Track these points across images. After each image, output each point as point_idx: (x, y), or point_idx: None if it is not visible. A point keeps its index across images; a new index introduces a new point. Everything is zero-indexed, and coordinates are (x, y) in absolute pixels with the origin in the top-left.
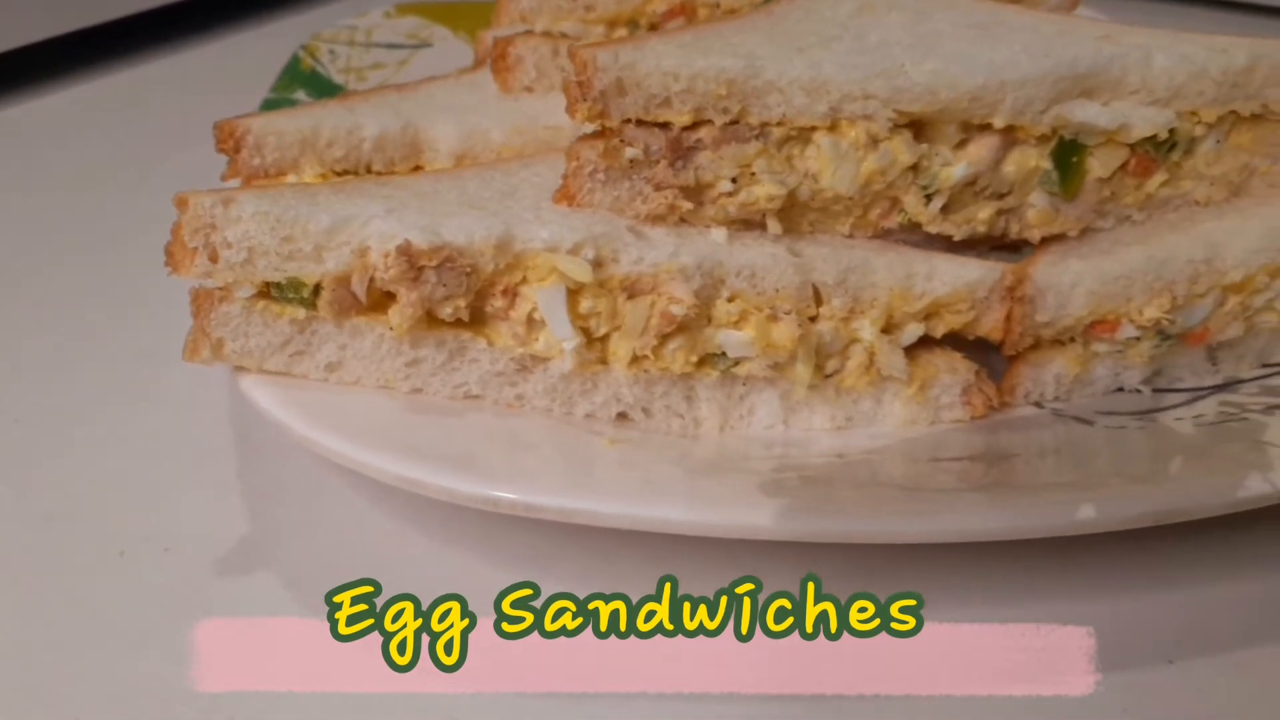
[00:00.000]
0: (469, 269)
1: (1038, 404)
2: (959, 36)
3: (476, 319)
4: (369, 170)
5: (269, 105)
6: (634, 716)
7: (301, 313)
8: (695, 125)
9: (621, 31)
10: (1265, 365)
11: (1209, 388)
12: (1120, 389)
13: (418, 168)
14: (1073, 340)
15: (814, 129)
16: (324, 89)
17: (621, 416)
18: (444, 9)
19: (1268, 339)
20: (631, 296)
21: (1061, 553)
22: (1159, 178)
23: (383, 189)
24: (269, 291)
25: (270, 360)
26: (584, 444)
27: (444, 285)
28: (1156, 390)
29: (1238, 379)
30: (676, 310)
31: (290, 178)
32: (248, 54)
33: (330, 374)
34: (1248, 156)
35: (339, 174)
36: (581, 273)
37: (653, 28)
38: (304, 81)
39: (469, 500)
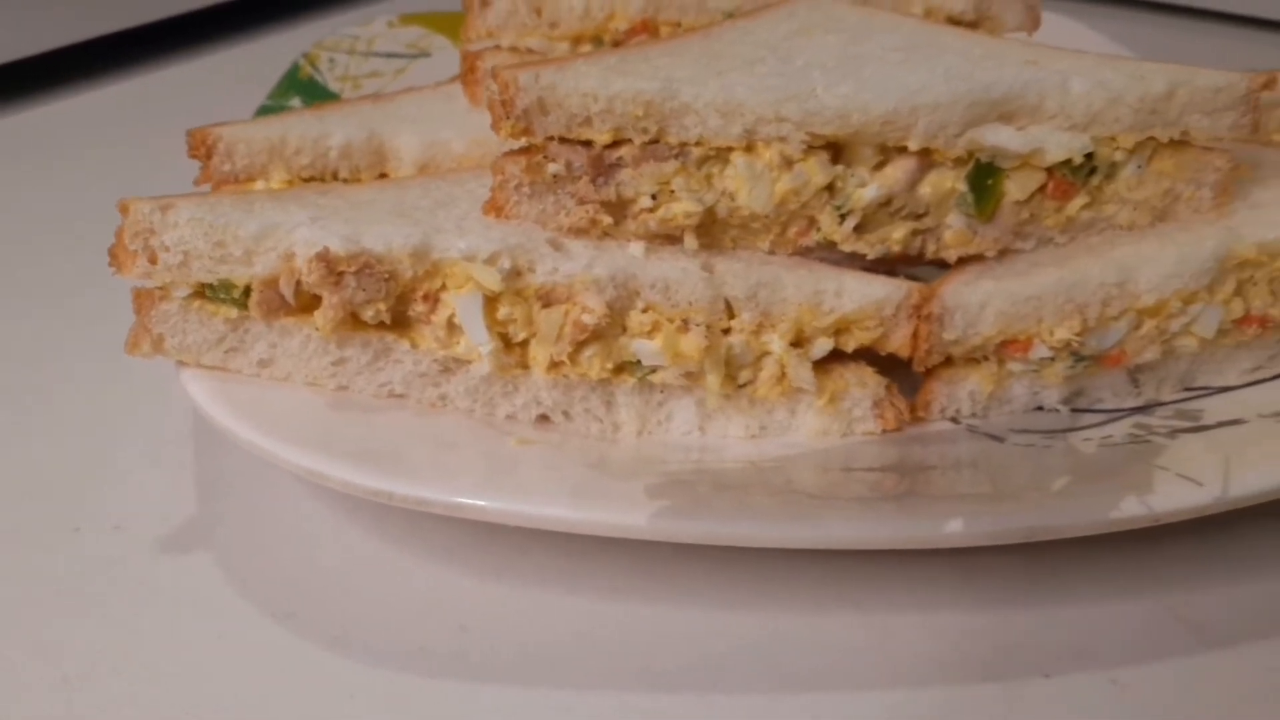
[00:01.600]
0: (387, 275)
1: (954, 419)
2: (885, 60)
3: (400, 322)
4: (335, 177)
5: (264, 112)
6: None
7: (234, 312)
8: (616, 143)
9: (586, 48)
10: (1187, 389)
11: (1128, 410)
12: (1040, 408)
13: (383, 175)
14: (986, 359)
15: (731, 149)
16: (319, 96)
17: (543, 419)
18: (446, 19)
19: (1189, 363)
20: (547, 305)
21: (967, 564)
22: (1079, 201)
23: (322, 198)
24: (204, 292)
25: (206, 355)
26: (492, 443)
27: (363, 290)
28: (1075, 410)
29: (1158, 402)
30: (589, 319)
31: (259, 184)
32: (261, 61)
33: (262, 370)
34: (1170, 182)
35: (306, 180)
36: (492, 281)
37: (617, 44)
38: (300, 89)
39: (364, 493)
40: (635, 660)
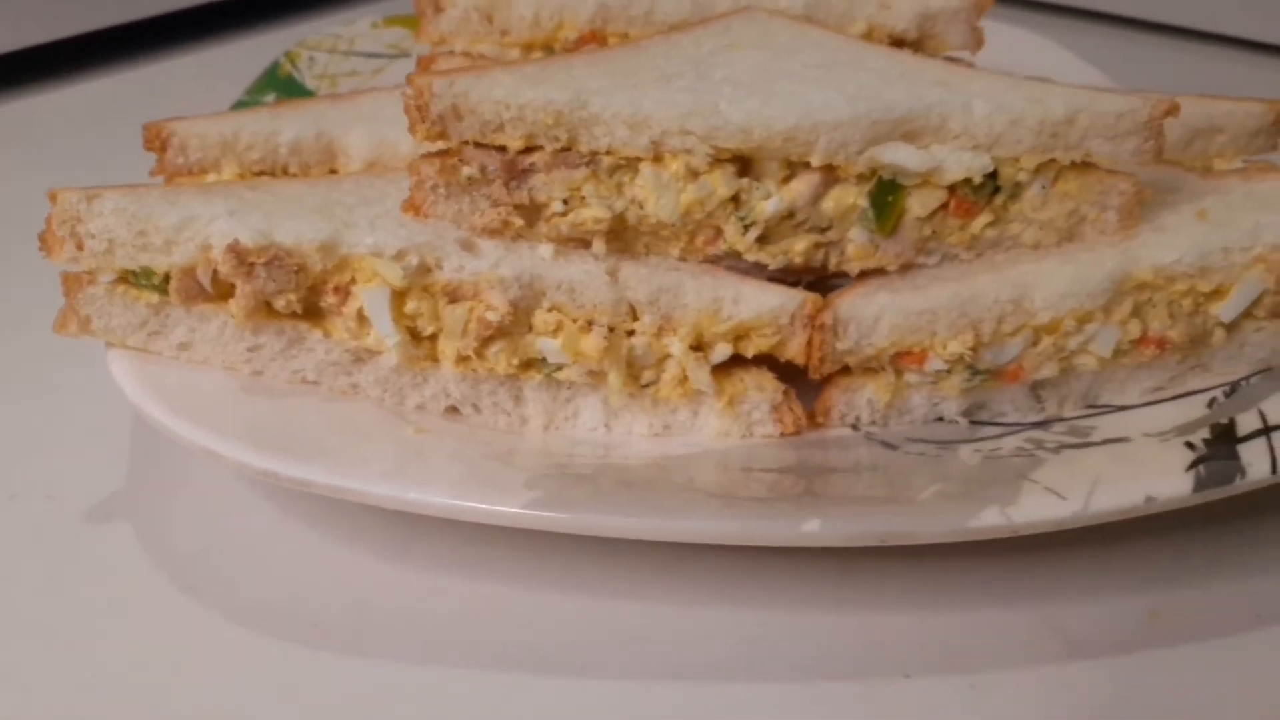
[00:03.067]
0: (296, 267)
1: (854, 426)
2: (801, 77)
3: (313, 312)
4: (286, 172)
5: (238, 107)
6: None
7: (155, 298)
8: (530, 149)
9: (537, 55)
10: (1090, 406)
11: (1027, 424)
12: (941, 419)
13: (334, 172)
14: (883, 369)
15: (639, 159)
16: (295, 94)
17: (452, 410)
18: None
19: (1091, 381)
20: (453, 301)
21: (848, 566)
22: (983, 220)
23: (251, 192)
24: (128, 277)
25: (131, 337)
26: (390, 431)
27: (273, 280)
28: (975, 422)
29: (1059, 417)
30: (492, 316)
31: (211, 176)
32: (254, 57)
33: (182, 353)
34: (1074, 203)
35: (257, 175)
36: (395, 276)
37: (568, 52)
38: (278, 86)
39: (254, 473)
40: (515, 642)
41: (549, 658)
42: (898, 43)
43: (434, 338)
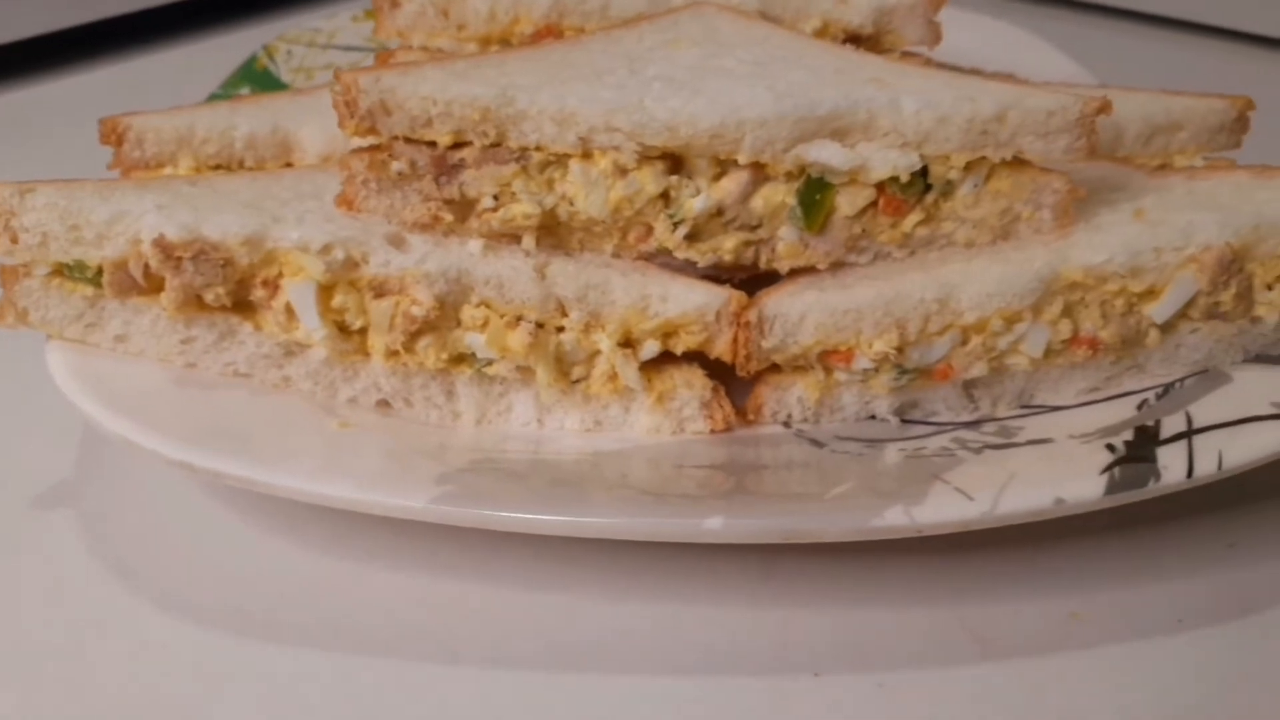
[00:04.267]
0: (223, 261)
1: (786, 424)
2: (734, 74)
3: (243, 305)
4: (242, 166)
5: (211, 100)
6: None
7: (90, 290)
8: (460, 145)
9: (495, 50)
10: (1024, 406)
11: (958, 423)
12: (873, 417)
13: (289, 165)
14: (812, 367)
15: (569, 156)
16: (270, 87)
17: (384, 404)
18: None
19: (1025, 381)
20: (379, 296)
21: (771, 563)
22: (914, 218)
23: (190, 187)
24: (63, 270)
25: (68, 329)
26: (314, 424)
27: (201, 274)
28: (906, 421)
29: (991, 417)
30: (417, 311)
31: (167, 170)
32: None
33: (119, 345)
34: (1007, 202)
35: (213, 169)
36: (317, 270)
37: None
38: (253, 80)
39: (169, 464)
40: (430, 633)
41: (466, 648)
42: (854, 38)
43: (363, 332)
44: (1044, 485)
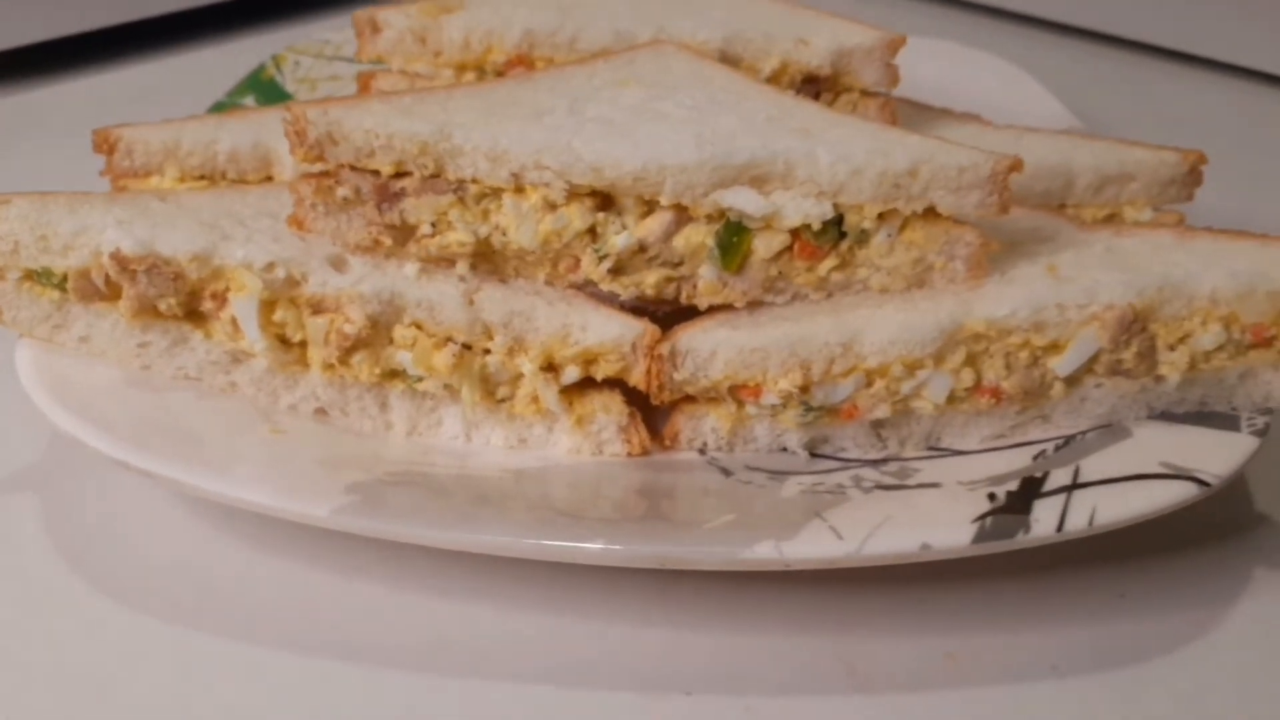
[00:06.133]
0: (174, 275)
1: (701, 451)
2: (669, 118)
3: (195, 315)
4: (225, 178)
5: (218, 107)
6: None
7: (57, 295)
8: (401, 175)
9: (470, 75)
10: (931, 448)
11: (863, 461)
12: (785, 449)
13: (269, 178)
14: (724, 399)
15: (502, 189)
16: (275, 97)
17: (322, 412)
18: None
19: (932, 423)
20: (316, 313)
21: (669, 585)
22: (829, 263)
23: (159, 203)
24: (33, 275)
25: (37, 329)
26: (248, 428)
27: (154, 286)
28: (815, 455)
29: (897, 457)
30: (349, 329)
31: (154, 179)
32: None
33: (82, 345)
34: (920, 252)
35: (197, 179)
36: (256, 287)
37: (499, 74)
38: (258, 89)
39: (109, 461)
40: (348, 635)
41: (360, 650)
42: (812, 80)
43: (303, 344)
44: (915, 529)
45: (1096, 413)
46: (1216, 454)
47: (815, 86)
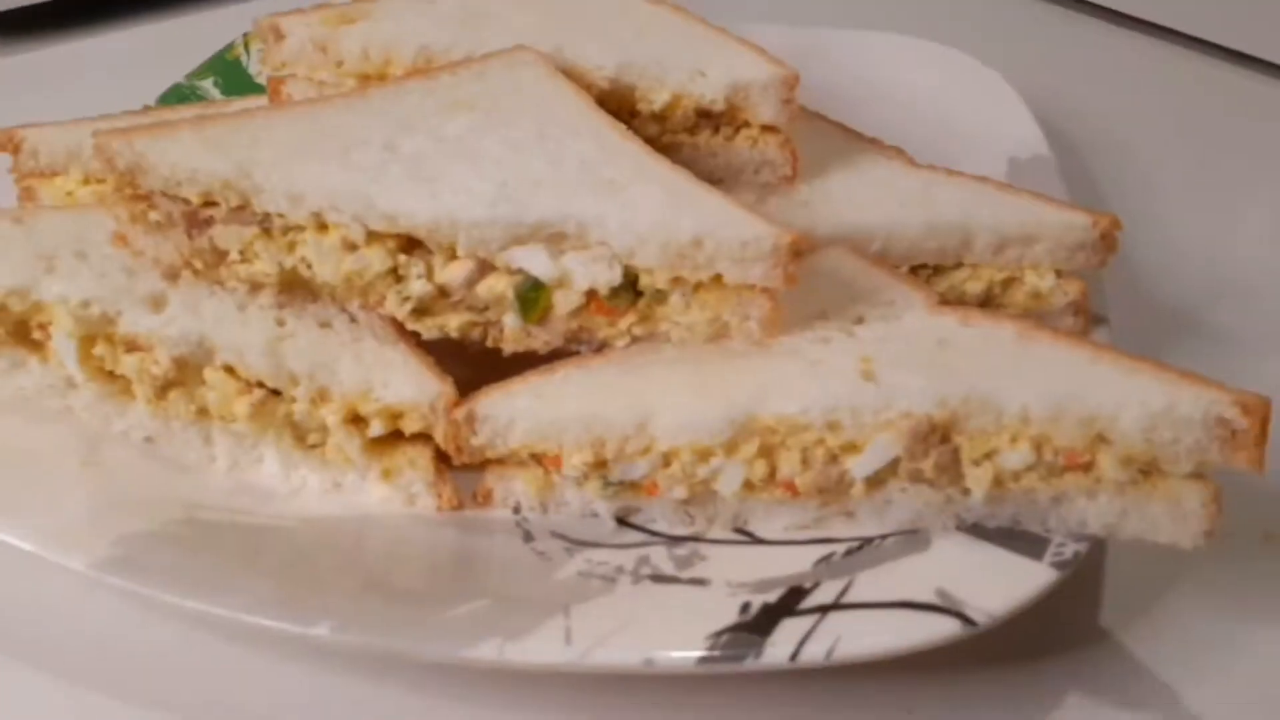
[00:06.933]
0: None
1: (516, 510)
2: (482, 158)
3: (28, 341)
4: None
5: (173, 92)
6: None
7: None
8: (210, 204)
9: (374, 84)
10: (738, 530)
11: (666, 536)
12: (596, 515)
13: None
14: (528, 464)
15: (304, 227)
16: (237, 80)
17: (150, 440)
18: None
19: (737, 506)
20: (129, 351)
21: None
22: (629, 320)
23: (7, 226)
24: None
25: None
26: (60, 460)
27: None
28: (624, 524)
29: (702, 537)
30: (156, 370)
31: (59, 180)
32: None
33: None
34: (714, 313)
35: (100, 182)
36: (67, 325)
37: None
38: (221, 71)
39: None
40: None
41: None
42: (705, 114)
43: (127, 378)
44: (646, 640)
45: (900, 517)
46: (1003, 585)
47: (712, 121)
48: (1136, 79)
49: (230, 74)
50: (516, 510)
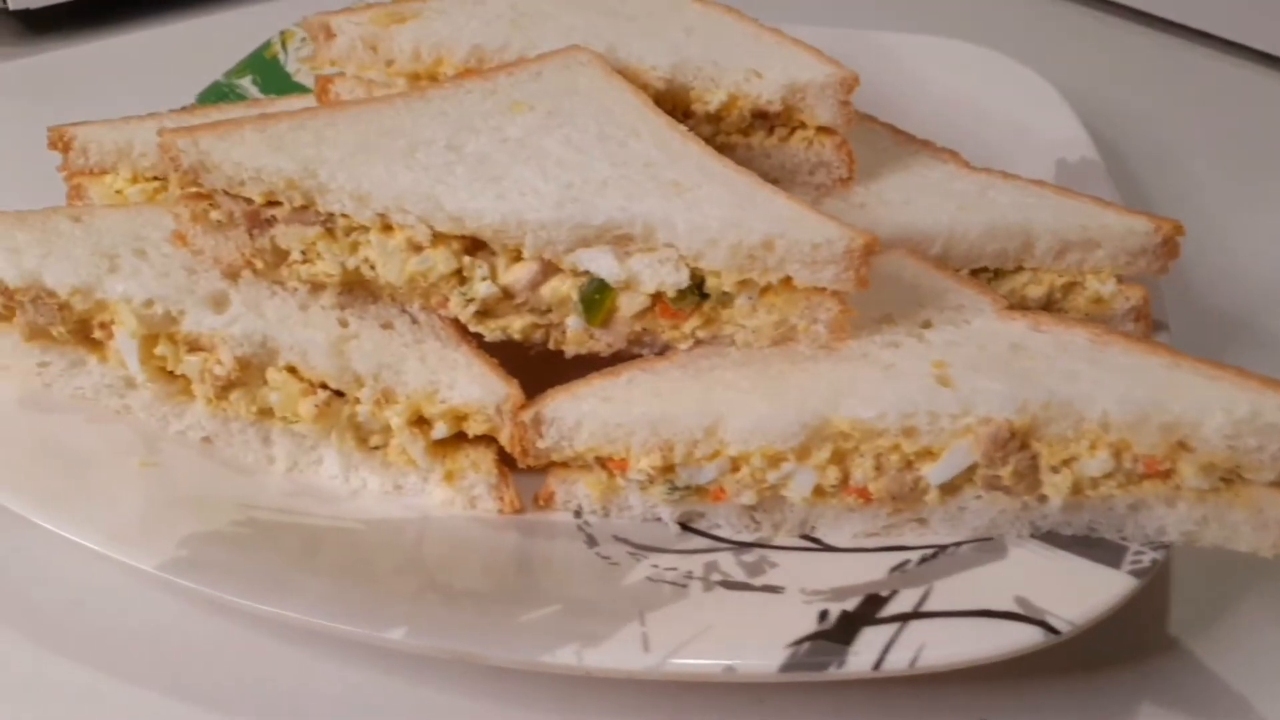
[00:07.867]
0: (60, 305)
1: (577, 513)
2: (549, 158)
3: (89, 340)
4: None
5: (212, 89)
6: None
7: None
8: (273, 203)
9: (424, 84)
10: (804, 536)
11: (731, 542)
12: (659, 519)
13: None
14: (593, 467)
15: (369, 227)
16: (275, 78)
17: (209, 440)
18: None
19: (805, 512)
20: (192, 351)
21: None
22: (693, 323)
23: (72, 225)
24: None
25: None
26: (119, 460)
27: (41, 315)
28: (687, 529)
29: (768, 543)
30: (219, 370)
31: (109, 178)
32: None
33: None
34: (782, 315)
35: (149, 180)
36: (131, 324)
37: None
38: (259, 69)
39: None
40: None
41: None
42: (761, 115)
43: (187, 377)
44: (728, 647)
45: (975, 525)
46: (1082, 593)
47: (768, 122)
48: (1171, 82)
49: (268, 72)
50: (578, 514)
